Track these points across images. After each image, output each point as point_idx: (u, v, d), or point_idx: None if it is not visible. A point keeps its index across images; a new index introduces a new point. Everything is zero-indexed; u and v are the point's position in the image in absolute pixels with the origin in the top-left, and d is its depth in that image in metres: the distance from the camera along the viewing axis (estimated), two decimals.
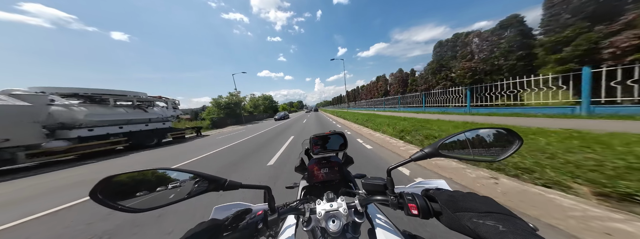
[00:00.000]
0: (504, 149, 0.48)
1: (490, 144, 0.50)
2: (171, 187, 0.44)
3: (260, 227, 0.47)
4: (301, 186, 0.95)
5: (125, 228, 2.06)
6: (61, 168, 6.23)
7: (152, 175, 0.44)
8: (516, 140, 0.48)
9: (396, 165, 0.50)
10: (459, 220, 0.36)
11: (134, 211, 0.39)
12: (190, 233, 0.41)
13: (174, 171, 0.46)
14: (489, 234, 0.31)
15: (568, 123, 4.36)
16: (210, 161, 5.21)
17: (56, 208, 2.82)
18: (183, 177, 0.46)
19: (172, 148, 9.30)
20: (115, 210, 0.38)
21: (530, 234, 0.29)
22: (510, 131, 0.49)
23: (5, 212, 2.88)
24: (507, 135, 0.49)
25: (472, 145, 0.50)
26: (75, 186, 4.02)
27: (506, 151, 0.48)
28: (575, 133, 2.97)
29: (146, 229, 2.00)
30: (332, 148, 0.91)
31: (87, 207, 2.73)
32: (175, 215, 2.21)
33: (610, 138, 2.51)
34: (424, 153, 0.50)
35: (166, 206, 0.41)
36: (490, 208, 0.36)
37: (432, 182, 0.62)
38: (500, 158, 0.48)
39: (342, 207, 0.53)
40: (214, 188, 0.46)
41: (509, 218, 0.33)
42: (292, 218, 0.71)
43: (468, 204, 0.38)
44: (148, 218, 2.17)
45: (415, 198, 0.45)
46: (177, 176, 0.45)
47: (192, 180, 0.46)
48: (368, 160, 3.83)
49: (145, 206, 0.40)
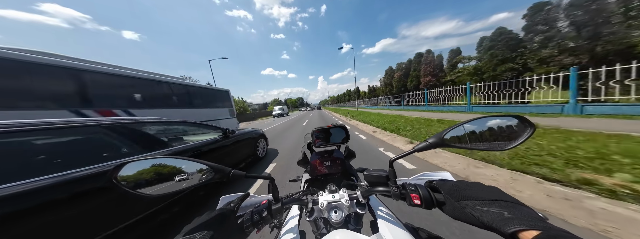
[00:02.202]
0: (513, 137, 0.46)
1: (498, 132, 0.48)
2: (180, 175, 0.45)
3: (265, 216, 0.48)
4: (304, 179, 0.95)
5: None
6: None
7: (164, 162, 0.45)
8: (527, 127, 0.45)
9: (398, 156, 0.50)
10: (463, 208, 0.36)
11: (146, 197, 0.41)
12: (200, 221, 0.42)
13: (183, 160, 0.47)
14: (494, 222, 0.31)
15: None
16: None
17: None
18: (191, 166, 0.46)
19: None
20: (129, 194, 0.40)
21: (537, 221, 0.29)
22: (521, 117, 0.46)
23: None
24: (517, 122, 0.46)
25: (479, 134, 0.48)
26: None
27: (516, 139, 0.46)
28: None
29: None
30: (334, 141, 0.91)
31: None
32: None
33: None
34: (428, 143, 0.48)
35: (175, 194, 0.54)
36: (497, 197, 0.35)
37: (436, 174, 0.60)
38: (510, 147, 0.46)
39: (344, 198, 0.53)
40: (220, 177, 0.47)
41: (516, 205, 0.33)
42: (295, 209, 0.72)
43: (472, 192, 0.38)
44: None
45: (418, 188, 0.45)
46: (185, 165, 0.46)
47: (199, 169, 0.47)
48: None
49: (156, 192, 0.42)
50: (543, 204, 1.59)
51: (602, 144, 2.64)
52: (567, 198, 1.61)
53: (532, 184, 1.90)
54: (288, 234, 0.58)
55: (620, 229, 1.27)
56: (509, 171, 2.24)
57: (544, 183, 1.88)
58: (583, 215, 1.43)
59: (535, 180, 1.97)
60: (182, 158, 0.47)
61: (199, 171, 0.47)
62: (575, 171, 1.95)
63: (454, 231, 1.37)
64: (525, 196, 1.73)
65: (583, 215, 1.43)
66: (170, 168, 0.45)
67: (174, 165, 0.45)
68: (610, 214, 1.39)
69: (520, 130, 0.46)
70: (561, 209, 1.51)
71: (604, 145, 2.57)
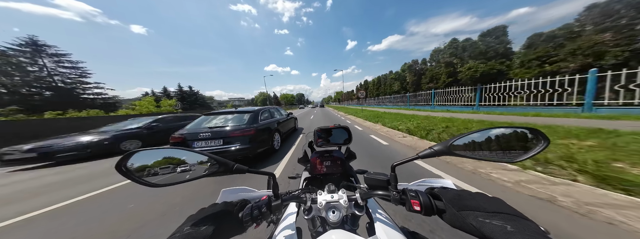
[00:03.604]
0: (524, 149, 0.45)
1: (509, 144, 0.47)
2: (186, 166, 0.46)
3: (264, 211, 0.48)
4: (303, 177, 0.95)
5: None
6: None
7: (170, 153, 0.45)
8: (541, 140, 0.44)
9: (401, 162, 0.49)
10: (464, 219, 0.36)
11: (152, 186, 0.42)
12: (204, 213, 0.43)
13: (189, 152, 0.47)
14: (495, 234, 0.30)
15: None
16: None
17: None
18: (196, 158, 0.47)
19: None
20: (136, 183, 0.41)
21: (540, 236, 0.28)
22: (535, 130, 0.44)
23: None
24: (530, 134, 0.45)
25: (488, 144, 0.47)
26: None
27: (527, 151, 0.44)
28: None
29: None
30: (335, 141, 0.91)
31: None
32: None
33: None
34: (433, 150, 0.48)
35: (180, 184, 0.44)
36: (500, 209, 0.35)
37: (438, 181, 0.59)
38: (520, 159, 0.45)
39: (342, 199, 0.53)
40: (224, 170, 0.48)
41: (519, 219, 0.32)
42: (293, 206, 0.73)
43: (475, 203, 0.37)
44: None
45: (418, 194, 0.44)
46: (191, 157, 0.47)
47: (204, 161, 0.47)
48: None
49: (162, 182, 0.43)
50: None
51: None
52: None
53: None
54: (285, 231, 0.58)
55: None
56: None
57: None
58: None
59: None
60: (187, 150, 0.47)
61: (202, 163, 0.47)
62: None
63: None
64: None
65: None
66: (176, 160, 0.46)
67: (179, 157, 0.46)
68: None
69: (533, 143, 0.45)
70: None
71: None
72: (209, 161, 0.48)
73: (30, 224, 2.01)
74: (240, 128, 3.48)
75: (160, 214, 1.99)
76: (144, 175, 0.42)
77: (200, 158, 0.47)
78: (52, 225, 1.96)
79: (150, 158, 0.44)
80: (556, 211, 1.65)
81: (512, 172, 2.29)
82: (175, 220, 1.85)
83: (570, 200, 1.68)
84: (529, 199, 1.85)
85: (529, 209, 1.70)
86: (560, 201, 1.72)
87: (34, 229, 1.93)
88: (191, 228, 0.38)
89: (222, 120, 3.82)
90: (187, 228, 0.38)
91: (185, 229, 0.38)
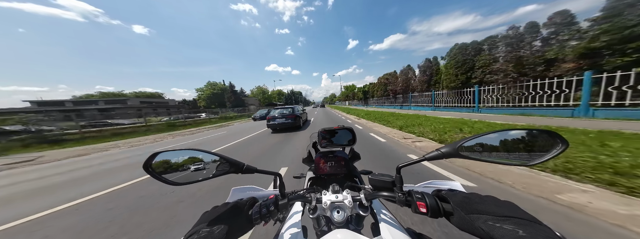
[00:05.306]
0: (539, 152, 0.43)
1: (522, 146, 0.44)
2: (200, 166, 0.49)
3: (272, 210, 0.49)
4: (307, 177, 0.96)
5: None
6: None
7: (187, 154, 0.49)
8: (559, 143, 0.41)
9: (407, 164, 0.49)
10: (473, 222, 0.35)
11: (173, 184, 0.45)
12: (218, 211, 0.45)
13: (203, 153, 0.50)
14: (505, 238, 0.30)
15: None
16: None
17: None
18: (209, 159, 0.50)
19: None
20: (159, 181, 0.44)
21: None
22: (552, 133, 0.41)
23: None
24: (546, 137, 0.42)
25: (499, 147, 0.45)
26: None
27: (543, 155, 0.42)
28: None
29: None
30: (339, 142, 0.92)
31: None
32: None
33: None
34: (439, 152, 0.46)
35: (196, 183, 0.47)
36: (511, 213, 0.34)
37: (445, 183, 0.58)
38: (534, 163, 0.42)
39: (347, 199, 0.54)
40: (234, 170, 0.50)
41: (532, 224, 0.31)
42: (298, 205, 0.74)
43: (485, 206, 0.36)
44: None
45: (425, 196, 0.44)
46: (205, 158, 0.50)
47: (216, 162, 0.50)
48: None
49: (181, 181, 0.46)
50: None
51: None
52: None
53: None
54: (291, 229, 0.60)
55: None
56: None
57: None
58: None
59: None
60: (202, 151, 0.50)
61: (215, 162, 0.50)
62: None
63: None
64: None
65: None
66: (192, 160, 0.50)
67: (195, 157, 0.50)
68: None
69: (549, 146, 0.42)
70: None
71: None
72: (222, 161, 0.50)
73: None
74: (291, 113, 8.74)
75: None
76: (166, 173, 0.47)
77: (214, 159, 0.51)
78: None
79: (171, 159, 0.48)
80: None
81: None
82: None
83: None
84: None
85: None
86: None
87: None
88: (207, 229, 0.40)
89: (281, 110, 9.01)
90: (203, 230, 0.40)
91: (201, 231, 0.40)
